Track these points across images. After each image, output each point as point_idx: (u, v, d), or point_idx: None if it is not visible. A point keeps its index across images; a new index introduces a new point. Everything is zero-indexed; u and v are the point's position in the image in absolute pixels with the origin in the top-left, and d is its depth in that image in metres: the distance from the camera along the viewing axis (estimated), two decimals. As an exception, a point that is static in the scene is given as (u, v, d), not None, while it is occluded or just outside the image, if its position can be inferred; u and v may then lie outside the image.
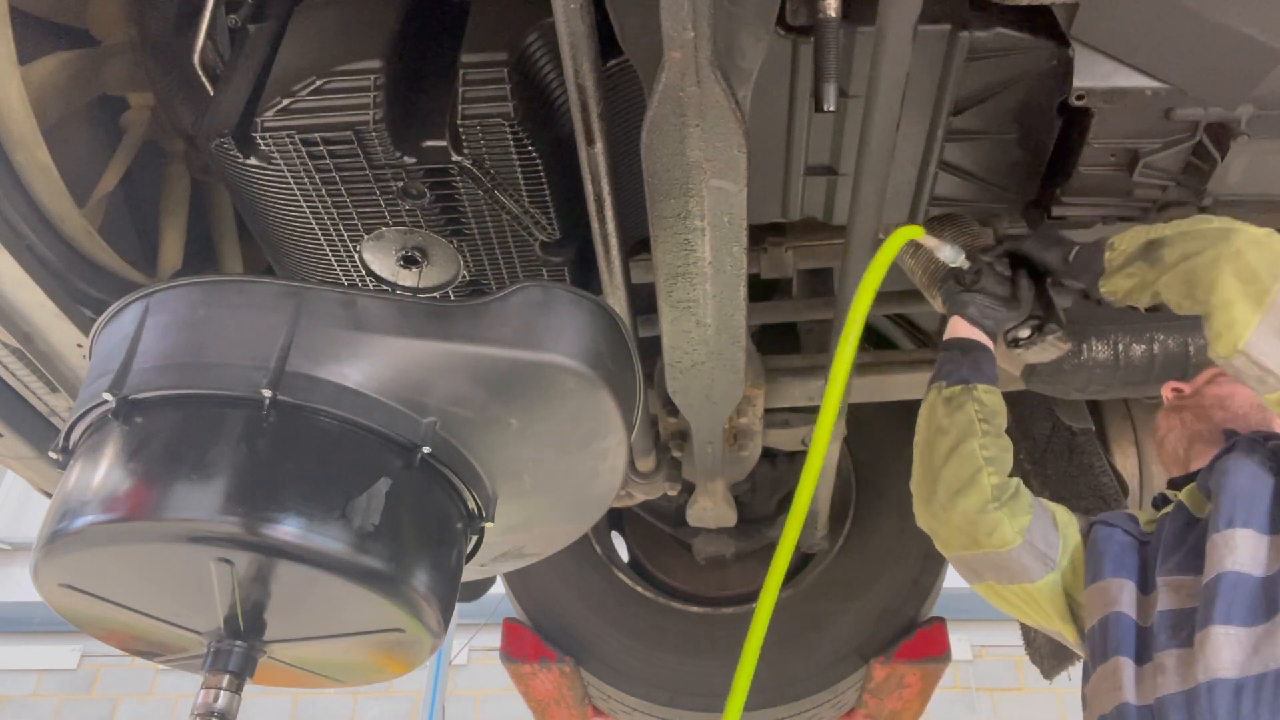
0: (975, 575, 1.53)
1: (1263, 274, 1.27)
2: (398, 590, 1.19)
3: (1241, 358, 1.28)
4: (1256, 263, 1.28)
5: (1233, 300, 1.28)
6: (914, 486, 1.56)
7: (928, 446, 1.52)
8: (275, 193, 1.49)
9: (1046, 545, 1.47)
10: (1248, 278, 1.28)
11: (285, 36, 1.48)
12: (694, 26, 1.04)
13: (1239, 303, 1.27)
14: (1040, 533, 1.47)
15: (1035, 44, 1.43)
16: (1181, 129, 1.52)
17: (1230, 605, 1.23)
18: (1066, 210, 1.67)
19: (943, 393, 1.52)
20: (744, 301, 1.47)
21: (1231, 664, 1.19)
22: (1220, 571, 1.26)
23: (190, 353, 1.21)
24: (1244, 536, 1.28)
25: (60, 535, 1.14)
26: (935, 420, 1.51)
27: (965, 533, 1.46)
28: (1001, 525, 1.43)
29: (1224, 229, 1.34)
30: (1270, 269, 1.27)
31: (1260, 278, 1.27)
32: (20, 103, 1.37)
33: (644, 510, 2.99)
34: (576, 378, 1.26)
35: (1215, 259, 1.31)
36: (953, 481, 1.46)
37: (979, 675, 6.88)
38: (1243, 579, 1.25)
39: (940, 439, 1.49)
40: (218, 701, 1.19)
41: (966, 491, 1.44)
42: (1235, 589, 1.24)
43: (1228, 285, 1.29)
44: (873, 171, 1.33)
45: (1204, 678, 1.19)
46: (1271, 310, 1.25)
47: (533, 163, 1.42)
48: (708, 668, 2.91)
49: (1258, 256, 1.28)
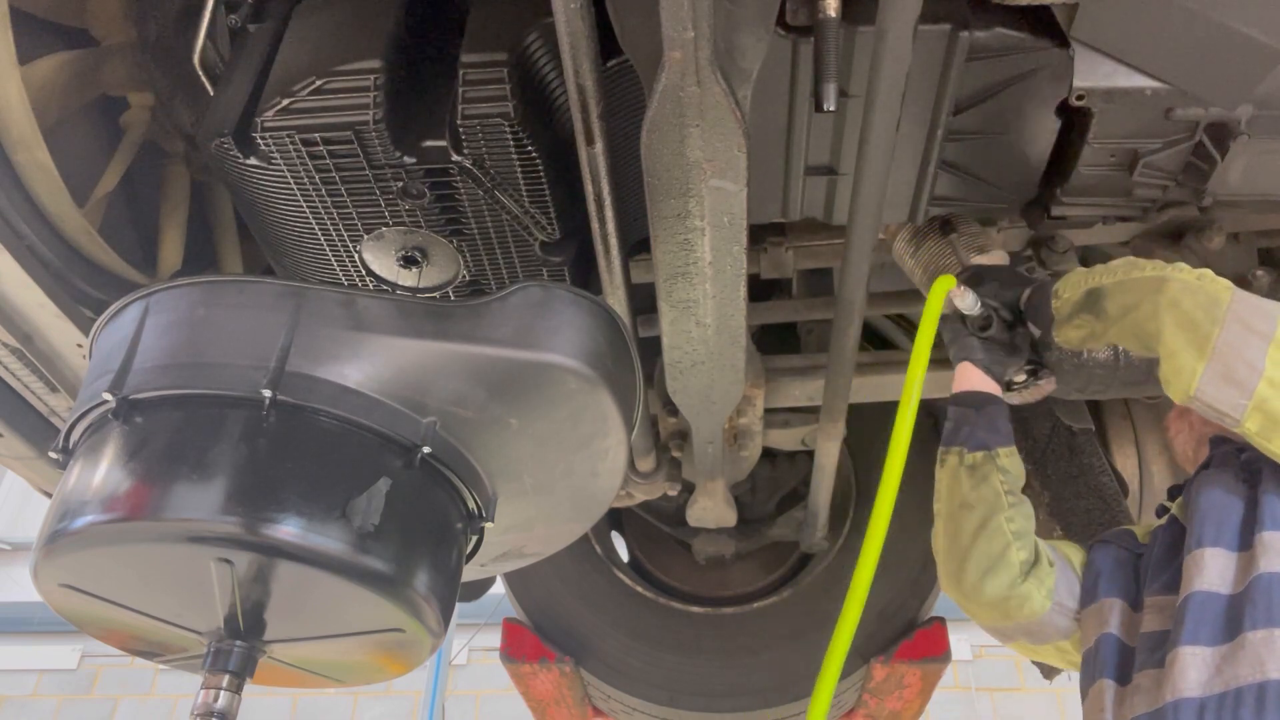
0: (1006, 639, 1.54)
1: (1201, 321, 1.30)
2: (398, 590, 1.19)
3: (1196, 403, 1.31)
4: (1193, 310, 1.31)
5: (1176, 350, 1.32)
6: (939, 557, 1.55)
7: (952, 521, 1.51)
8: (275, 193, 1.49)
9: (1071, 599, 1.48)
10: (1188, 326, 1.31)
11: (285, 36, 1.48)
12: (694, 26, 1.04)
13: (1183, 352, 1.31)
14: (1065, 588, 1.48)
15: (1035, 44, 1.43)
16: (1181, 129, 1.52)
17: (1198, 625, 1.24)
18: (1066, 210, 1.67)
19: (965, 460, 1.50)
20: (744, 301, 1.47)
21: (1196, 684, 1.19)
22: (1190, 592, 1.27)
23: (190, 353, 1.21)
24: (1212, 556, 1.29)
25: (60, 535, 1.14)
26: (960, 493, 1.50)
27: (997, 609, 1.46)
28: (1031, 597, 1.44)
29: (1157, 278, 1.37)
30: (1208, 314, 1.30)
31: (1199, 325, 1.30)
32: (20, 103, 1.37)
33: (644, 510, 2.99)
34: (576, 378, 1.26)
35: (1154, 310, 1.35)
36: (982, 560, 1.46)
37: (979, 675, 6.89)
38: (1211, 598, 1.26)
39: (967, 515, 1.48)
40: (218, 701, 1.19)
41: (996, 570, 1.45)
42: (1203, 609, 1.25)
43: (1171, 336, 1.32)
44: (873, 171, 1.33)
45: (1170, 698, 1.20)
46: (1215, 356, 1.28)
47: (533, 163, 1.42)
48: (708, 668, 2.91)
49: (1193, 304, 1.32)
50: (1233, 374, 1.27)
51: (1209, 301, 1.31)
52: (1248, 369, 1.27)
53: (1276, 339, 1.27)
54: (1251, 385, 1.26)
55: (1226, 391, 1.28)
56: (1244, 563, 1.27)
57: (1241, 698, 1.15)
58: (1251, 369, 1.26)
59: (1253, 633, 1.19)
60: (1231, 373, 1.27)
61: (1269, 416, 1.26)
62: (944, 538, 1.53)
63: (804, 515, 2.72)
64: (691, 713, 2.88)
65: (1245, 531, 1.30)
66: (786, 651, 2.86)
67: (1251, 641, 1.19)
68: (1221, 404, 1.28)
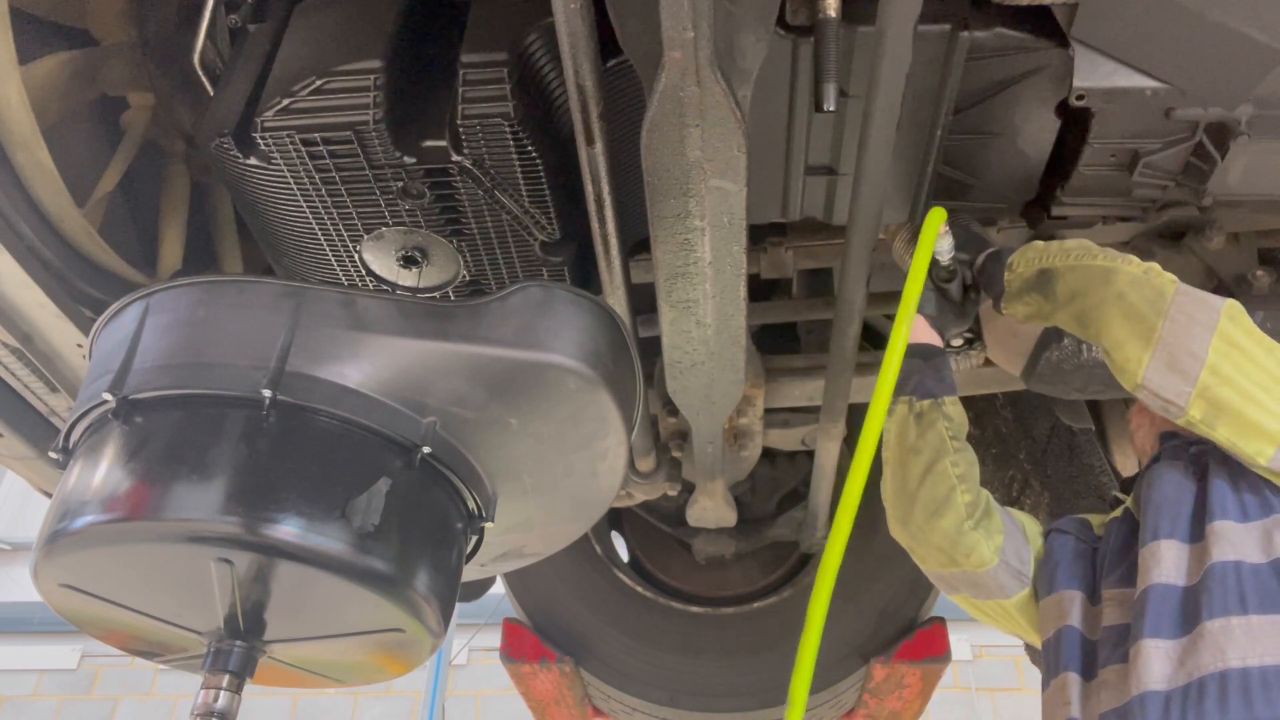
0: (951, 589, 1.57)
1: (1147, 313, 1.35)
2: (398, 590, 1.19)
3: (1143, 391, 1.35)
4: (1139, 302, 1.36)
5: (1123, 340, 1.36)
6: (888, 503, 1.58)
7: (900, 465, 1.54)
8: (275, 193, 1.49)
9: (1020, 562, 1.51)
10: (1134, 317, 1.36)
11: (285, 36, 1.48)
12: (694, 26, 1.04)
13: (1129, 342, 1.36)
14: (1014, 549, 1.51)
15: (1035, 44, 1.43)
16: (1181, 129, 1.52)
17: (1159, 618, 1.26)
18: (1066, 210, 1.67)
19: (913, 408, 1.53)
20: (744, 301, 1.47)
21: (1161, 677, 1.22)
22: (1148, 585, 1.30)
23: (190, 353, 1.21)
24: (1167, 548, 1.33)
25: (60, 535, 1.14)
26: (907, 439, 1.53)
27: (943, 551, 1.49)
28: (979, 546, 1.47)
29: (1106, 269, 1.42)
30: (1153, 306, 1.35)
31: (1145, 316, 1.35)
32: (20, 103, 1.37)
33: (644, 510, 2.99)
34: (576, 378, 1.26)
35: (1101, 301, 1.39)
36: (928, 502, 1.49)
37: (979, 675, 6.89)
38: (1169, 590, 1.29)
39: (914, 459, 1.52)
40: (218, 701, 1.19)
41: (942, 512, 1.48)
42: (1163, 601, 1.28)
43: (1117, 326, 1.37)
44: (873, 171, 1.33)
45: (1136, 691, 1.22)
46: (1160, 346, 1.33)
47: (533, 163, 1.42)
48: (708, 668, 2.91)
49: (1139, 296, 1.37)
50: (1177, 363, 1.32)
51: (1154, 294, 1.36)
52: (1191, 358, 1.31)
53: (1219, 329, 1.31)
54: (1195, 373, 1.31)
55: (1171, 380, 1.32)
56: (1197, 553, 1.30)
57: (1205, 688, 1.18)
58: (1194, 358, 1.31)
59: (1210, 622, 1.22)
60: (1176, 362, 1.32)
61: (1212, 403, 1.30)
62: (892, 482, 1.56)
63: (804, 515, 2.73)
64: (691, 713, 2.88)
65: (1196, 523, 1.34)
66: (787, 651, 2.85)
67: (1210, 631, 1.21)
68: (1167, 392, 1.33)
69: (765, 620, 2.95)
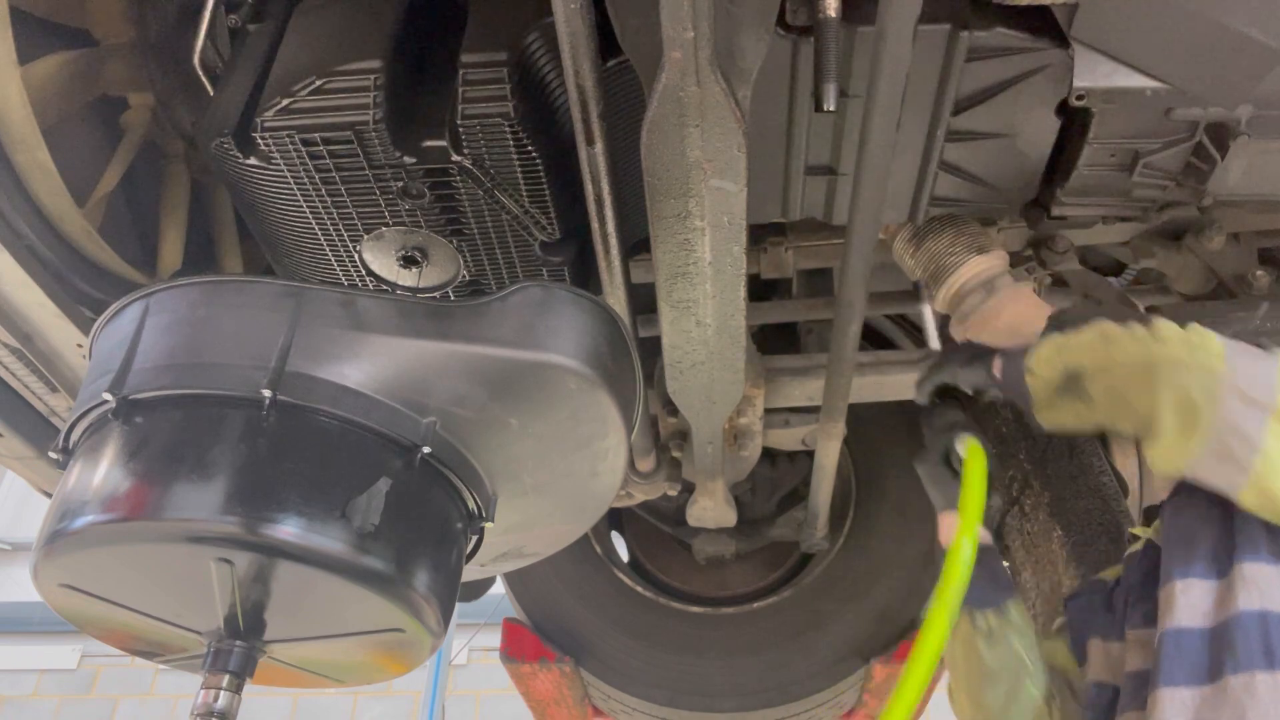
0: None
1: (1199, 400, 1.21)
2: (398, 590, 1.19)
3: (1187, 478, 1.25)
4: (1189, 385, 1.22)
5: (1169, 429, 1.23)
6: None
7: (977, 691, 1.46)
8: (275, 193, 1.49)
9: None
10: (1185, 408, 1.22)
11: (285, 36, 1.48)
12: (694, 26, 1.04)
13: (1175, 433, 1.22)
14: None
15: (1035, 44, 1.43)
16: (1181, 129, 1.52)
17: (1173, 665, 1.19)
18: (1066, 210, 1.67)
19: (977, 623, 1.45)
20: (744, 301, 1.47)
21: None
22: (1164, 630, 1.23)
23: (190, 353, 1.21)
24: (1184, 588, 1.24)
25: (60, 535, 1.14)
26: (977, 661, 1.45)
27: None
28: None
29: (1145, 362, 1.27)
30: (1204, 389, 1.21)
31: (1197, 406, 1.21)
32: (20, 103, 1.37)
33: (644, 510, 2.99)
34: (576, 378, 1.26)
35: (1147, 397, 1.25)
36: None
37: (979, 675, 6.87)
38: (1184, 634, 1.21)
39: (992, 688, 1.44)
40: (218, 701, 1.19)
41: None
42: (1178, 647, 1.20)
43: (1168, 418, 1.23)
44: (873, 171, 1.33)
45: None
46: (1211, 434, 1.20)
47: (533, 163, 1.42)
48: (708, 668, 2.91)
49: (1188, 381, 1.22)
50: (1229, 451, 1.19)
51: (1204, 376, 1.22)
52: (1244, 445, 1.18)
53: (1277, 410, 1.18)
54: (1248, 462, 1.18)
55: (1222, 470, 1.20)
56: (1221, 592, 1.21)
57: None
58: (1248, 444, 1.18)
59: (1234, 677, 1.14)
60: (1227, 450, 1.19)
61: (1265, 494, 1.19)
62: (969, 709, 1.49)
63: (804, 515, 2.72)
64: (691, 713, 2.88)
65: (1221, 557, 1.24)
66: (786, 651, 2.86)
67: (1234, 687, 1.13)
68: (1216, 481, 1.22)
69: (765, 620, 2.95)
